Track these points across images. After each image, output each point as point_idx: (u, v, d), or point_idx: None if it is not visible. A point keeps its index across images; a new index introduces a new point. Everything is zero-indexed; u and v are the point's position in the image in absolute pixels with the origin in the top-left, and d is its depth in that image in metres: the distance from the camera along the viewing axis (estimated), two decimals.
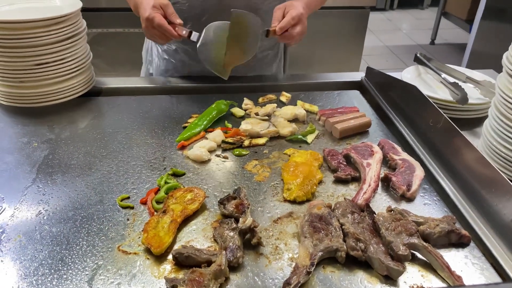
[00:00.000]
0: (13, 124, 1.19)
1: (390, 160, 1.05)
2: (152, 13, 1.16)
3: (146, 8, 1.17)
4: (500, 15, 3.45)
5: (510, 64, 0.97)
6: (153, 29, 1.17)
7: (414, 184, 0.96)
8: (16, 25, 1.12)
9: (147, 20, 1.16)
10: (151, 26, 1.17)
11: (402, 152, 1.07)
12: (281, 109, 1.26)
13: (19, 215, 0.89)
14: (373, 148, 1.08)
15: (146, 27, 1.19)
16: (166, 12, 1.18)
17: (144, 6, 1.18)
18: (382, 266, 0.76)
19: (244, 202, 0.88)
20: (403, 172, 0.99)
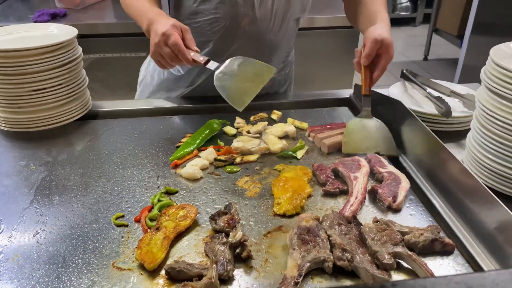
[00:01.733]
0: (11, 148, 1.23)
1: (377, 173, 1.08)
2: (170, 29, 1.09)
3: (165, 24, 1.10)
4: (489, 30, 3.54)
5: (487, 78, 1.01)
6: (166, 47, 1.10)
7: (400, 196, 0.99)
8: (14, 54, 1.17)
9: (163, 35, 1.08)
10: (164, 43, 1.09)
11: (389, 165, 1.11)
12: (272, 127, 1.30)
13: (17, 235, 0.91)
14: (360, 162, 1.11)
15: (157, 44, 1.10)
16: (185, 36, 1.13)
17: (162, 22, 1.12)
18: (368, 275, 0.78)
19: (235, 217, 0.91)
20: (389, 184, 1.03)
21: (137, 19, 1.23)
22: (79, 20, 2.44)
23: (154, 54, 1.14)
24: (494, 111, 0.98)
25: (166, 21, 1.12)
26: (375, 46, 1.15)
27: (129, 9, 1.28)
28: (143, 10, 1.21)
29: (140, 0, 1.25)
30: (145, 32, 1.18)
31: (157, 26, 1.11)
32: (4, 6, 2.71)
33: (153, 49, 1.12)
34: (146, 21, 1.16)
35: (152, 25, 1.14)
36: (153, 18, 1.15)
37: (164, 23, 1.11)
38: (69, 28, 1.33)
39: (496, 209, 0.84)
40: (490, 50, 1.02)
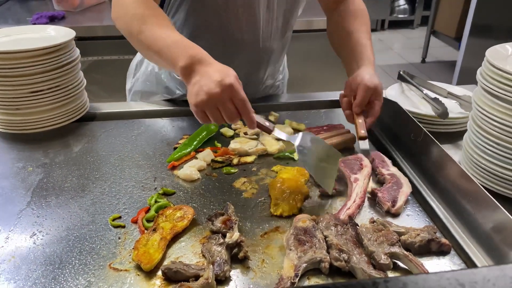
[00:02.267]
0: (9, 150, 1.23)
1: (379, 174, 1.08)
2: (237, 82, 0.90)
3: (227, 73, 0.90)
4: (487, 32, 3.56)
5: (483, 79, 1.01)
6: (229, 103, 0.90)
7: (400, 201, 0.99)
8: (12, 55, 1.17)
9: (230, 88, 0.88)
10: (228, 97, 0.89)
11: (392, 167, 1.10)
12: None
13: (13, 237, 0.91)
14: (362, 161, 1.11)
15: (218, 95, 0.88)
16: None
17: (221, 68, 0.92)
18: (365, 275, 0.78)
19: (232, 218, 0.91)
20: (390, 188, 1.02)
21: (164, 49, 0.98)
22: (77, 22, 2.44)
23: (205, 104, 0.90)
24: (490, 112, 0.98)
25: (224, 69, 0.92)
26: (368, 94, 1.12)
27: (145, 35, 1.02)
28: (174, 40, 0.98)
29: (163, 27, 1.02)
30: (183, 69, 0.94)
31: (215, 72, 0.91)
32: (2, 8, 2.71)
33: (206, 98, 0.89)
34: (187, 57, 0.93)
35: (201, 66, 0.93)
36: (200, 57, 0.93)
37: (225, 71, 0.91)
38: (67, 30, 1.34)
39: (492, 209, 0.84)
40: (486, 51, 1.02)
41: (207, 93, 0.89)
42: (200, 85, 0.90)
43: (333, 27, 1.38)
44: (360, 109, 1.16)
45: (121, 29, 1.11)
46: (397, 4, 6.26)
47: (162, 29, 1.01)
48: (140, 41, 1.04)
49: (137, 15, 1.04)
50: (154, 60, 1.06)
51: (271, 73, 1.50)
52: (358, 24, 1.30)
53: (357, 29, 1.28)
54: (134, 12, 1.05)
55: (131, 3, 1.07)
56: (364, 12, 1.35)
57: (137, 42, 1.06)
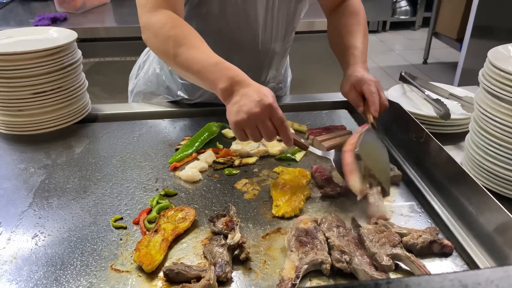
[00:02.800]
0: (11, 151, 1.23)
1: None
2: (275, 102, 0.93)
3: (265, 93, 0.93)
4: (488, 33, 3.55)
5: (485, 80, 1.01)
6: (268, 121, 0.92)
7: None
8: (15, 57, 1.18)
9: (269, 107, 0.91)
10: (267, 116, 0.92)
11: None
12: None
13: (15, 238, 0.91)
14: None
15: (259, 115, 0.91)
16: None
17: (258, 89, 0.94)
18: (367, 277, 0.78)
19: (233, 219, 0.91)
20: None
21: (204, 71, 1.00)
22: (79, 24, 2.45)
23: (245, 123, 0.93)
24: (492, 113, 0.98)
25: (262, 89, 0.94)
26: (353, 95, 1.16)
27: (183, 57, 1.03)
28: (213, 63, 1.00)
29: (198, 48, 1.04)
30: (223, 91, 0.96)
31: (254, 92, 0.93)
32: (5, 10, 2.72)
33: (246, 117, 0.91)
34: (227, 79, 0.96)
35: (241, 87, 0.95)
36: (239, 79, 0.96)
37: (262, 92, 0.93)
38: (69, 31, 1.34)
39: (494, 210, 0.84)
40: (488, 52, 1.02)
41: (247, 113, 0.91)
42: (240, 105, 0.93)
43: (331, 27, 1.39)
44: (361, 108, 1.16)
45: (155, 51, 1.14)
46: (399, 5, 6.26)
47: (197, 50, 1.03)
48: (177, 63, 1.05)
49: (171, 37, 1.04)
50: (193, 81, 1.07)
51: (274, 76, 1.50)
52: (353, 24, 1.31)
53: (351, 30, 1.29)
54: (168, 35, 1.05)
55: (162, 25, 1.06)
56: (361, 12, 1.35)
57: (175, 65, 1.07)
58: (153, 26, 1.08)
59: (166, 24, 1.06)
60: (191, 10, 1.26)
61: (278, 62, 1.47)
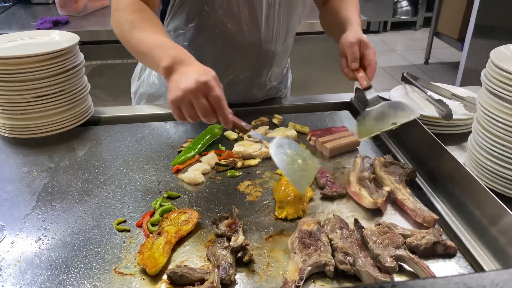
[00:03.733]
0: (14, 155, 1.24)
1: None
2: (213, 81, 0.92)
3: (204, 72, 0.93)
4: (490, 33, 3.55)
5: (487, 80, 1.01)
6: (203, 99, 0.91)
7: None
8: (17, 61, 1.18)
9: (205, 85, 0.90)
10: (203, 93, 0.91)
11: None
12: (273, 131, 1.30)
13: (19, 241, 0.92)
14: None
15: (193, 91, 0.90)
16: None
17: (200, 68, 0.95)
18: (370, 279, 0.78)
19: (236, 221, 0.91)
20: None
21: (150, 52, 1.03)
22: (81, 27, 2.46)
23: (181, 100, 0.92)
24: (494, 113, 0.98)
25: (204, 68, 0.95)
26: (355, 47, 1.13)
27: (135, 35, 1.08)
28: (161, 43, 1.03)
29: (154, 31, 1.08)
30: (164, 69, 0.98)
31: (193, 71, 0.94)
32: (7, 14, 2.73)
33: (181, 94, 0.91)
34: (170, 58, 0.97)
35: (181, 66, 0.96)
36: (182, 58, 0.98)
37: (203, 70, 0.94)
38: (71, 35, 1.34)
39: (498, 211, 0.84)
40: (490, 52, 1.02)
41: (182, 89, 0.91)
42: (178, 82, 0.93)
43: (323, 12, 1.41)
44: (356, 64, 1.14)
45: (117, 34, 1.16)
46: (400, 5, 6.26)
47: (150, 32, 1.07)
48: (130, 44, 1.10)
49: (129, 20, 1.11)
50: (143, 62, 1.09)
51: (275, 75, 1.50)
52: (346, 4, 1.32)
53: (345, 8, 1.29)
54: (126, 18, 1.12)
55: (124, 9, 1.13)
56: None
57: (129, 45, 1.12)
58: (117, 10, 1.15)
59: (128, 8, 1.12)
60: (193, 9, 1.26)
61: (280, 62, 1.47)
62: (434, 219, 0.92)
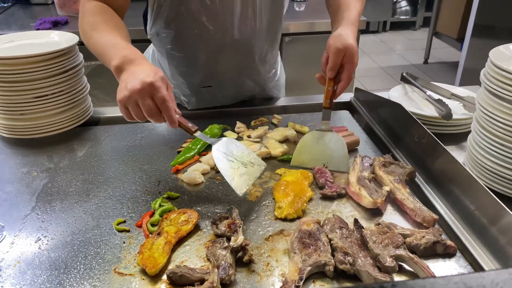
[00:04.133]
0: (13, 155, 1.24)
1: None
2: (160, 81, 0.92)
3: (152, 72, 0.93)
4: (489, 32, 3.55)
5: (487, 80, 1.01)
6: (149, 99, 0.92)
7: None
8: (17, 61, 1.18)
9: (150, 85, 0.91)
10: (149, 94, 0.92)
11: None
12: (272, 131, 1.30)
13: (19, 242, 0.92)
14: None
15: (139, 92, 0.91)
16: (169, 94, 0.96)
17: (147, 69, 0.95)
18: (370, 278, 0.78)
19: (236, 222, 0.91)
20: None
21: (104, 50, 1.05)
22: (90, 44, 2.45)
23: (127, 100, 0.93)
24: (494, 112, 0.98)
25: (152, 69, 0.96)
26: (339, 56, 1.09)
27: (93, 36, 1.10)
28: (115, 43, 1.05)
29: (110, 31, 1.10)
30: (115, 68, 1.00)
31: (141, 71, 0.94)
32: (6, 14, 2.73)
33: (128, 93, 0.92)
34: (120, 58, 0.99)
35: (131, 66, 0.97)
36: (131, 58, 0.99)
37: (151, 71, 0.94)
38: (70, 35, 1.34)
39: (497, 211, 0.84)
40: (490, 52, 1.02)
41: (129, 90, 0.92)
42: (126, 82, 0.94)
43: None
44: (333, 73, 1.12)
45: (81, 37, 1.18)
46: (399, 5, 6.26)
47: (107, 33, 1.10)
48: (90, 45, 1.12)
49: (90, 22, 1.13)
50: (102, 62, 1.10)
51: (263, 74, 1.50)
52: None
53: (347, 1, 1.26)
54: (88, 20, 1.14)
55: (87, 12, 1.16)
56: None
57: (90, 47, 1.13)
58: (81, 13, 1.18)
59: (91, 10, 1.15)
60: (172, 11, 1.27)
61: (265, 59, 1.46)
62: (434, 219, 0.92)
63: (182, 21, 1.28)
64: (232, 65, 1.40)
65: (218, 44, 1.33)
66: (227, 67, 1.39)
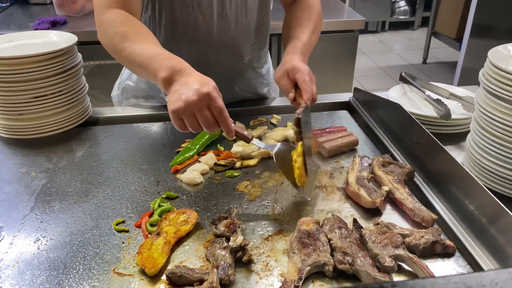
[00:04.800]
0: (12, 156, 1.24)
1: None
2: (215, 91, 0.92)
3: (205, 82, 0.93)
4: (487, 32, 3.56)
5: (485, 80, 1.01)
6: (206, 110, 0.92)
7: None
8: (15, 61, 1.18)
9: (207, 96, 0.90)
10: (206, 104, 0.91)
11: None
12: (271, 131, 1.30)
13: (17, 242, 0.91)
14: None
15: (196, 103, 0.90)
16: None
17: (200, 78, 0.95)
18: (370, 278, 0.78)
19: (235, 222, 0.91)
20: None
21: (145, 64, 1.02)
22: (79, 27, 2.45)
23: (182, 111, 0.91)
24: (492, 112, 0.98)
25: (204, 78, 0.95)
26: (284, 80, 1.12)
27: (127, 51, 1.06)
28: (157, 54, 1.02)
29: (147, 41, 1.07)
30: (163, 80, 0.97)
31: (194, 81, 0.93)
32: (4, 14, 2.72)
33: (183, 105, 0.90)
34: (167, 69, 0.97)
35: (181, 76, 0.96)
36: (180, 68, 0.97)
37: (204, 80, 0.94)
38: (69, 35, 1.34)
39: (496, 210, 0.84)
40: (488, 52, 1.02)
41: (184, 101, 0.91)
42: (179, 93, 0.92)
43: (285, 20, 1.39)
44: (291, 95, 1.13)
45: (107, 48, 1.14)
46: (398, 5, 6.27)
47: (143, 44, 1.06)
48: (123, 57, 1.09)
49: (118, 33, 1.09)
50: (140, 74, 1.09)
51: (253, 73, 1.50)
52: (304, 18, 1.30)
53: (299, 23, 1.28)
54: (115, 31, 1.09)
55: (112, 22, 1.10)
56: (315, 7, 1.34)
57: (121, 59, 1.11)
58: (104, 24, 1.12)
59: (115, 21, 1.10)
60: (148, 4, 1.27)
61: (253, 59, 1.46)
62: (433, 219, 0.92)
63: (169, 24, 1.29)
64: (220, 66, 1.40)
65: (204, 45, 1.33)
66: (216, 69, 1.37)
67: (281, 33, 1.40)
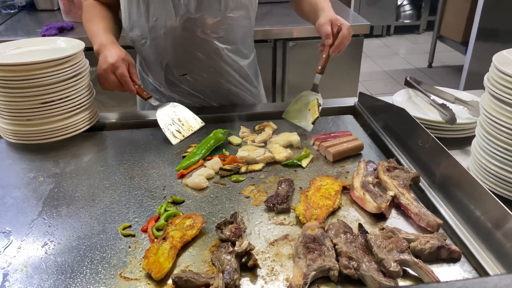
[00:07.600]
0: (20, 160, 1.25)
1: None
2: (119, 62, 1.27)
3: (114, 55, 1.28)
4: (494, 36, 3.55)
5: (491, 84, 1.01)
6: (112, 75, 1.28)
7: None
8: (23, 67, 1.19)
9: (112, 65, 1.27)
10: (111, 71, 1.28)
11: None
12: (276, 136, 1.31)
13: (25, 246, 0.92)
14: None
15: (105, 70, 1.28)
16: (130, 70, 1.31)
17: (113, 52, 1.29)
18: (375, 283, 0.78)
19: (241, 226, 0.92)
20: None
21: (91, 38, 1.39)
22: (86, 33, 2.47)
23: (99, 76, 1.31)
24: (498, 117, 0.98)
25: (116, 51, 1.29)
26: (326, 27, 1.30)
27: (87, 27, 1.45)
28: (97, 32, 1.38)
29: (97, 23, 1.42)
30: (95, 52, 1.35)
31: (107, 54, 1.28)
32: (12, 20, 2.76)
33: (99, 71, 1.30)
34: (98, 44, 1.33)
35: (102, 50, 1.31)
36: (105, 44, 1.32)
37: (114, 53, 1.28)
38: (76, 41, 1.36)
39: (502, 215, 0.84)
40: (493, 57, 1.03)
41: (99, 68, 1.30)
42: (100, 62, 1.31)
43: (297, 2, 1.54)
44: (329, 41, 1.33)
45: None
46: (403, 9, 6.27)
47: (93, 24, 1.42)
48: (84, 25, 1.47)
49: (85, 16, 1.48)
50: None
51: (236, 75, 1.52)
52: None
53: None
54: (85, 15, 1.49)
55: (85, 9, 1.50)
56: None
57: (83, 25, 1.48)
58: (82, 10, 1.52)
59: (86, 7, 1.49)
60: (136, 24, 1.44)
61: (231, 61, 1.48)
62: (438, 224, 0.92)
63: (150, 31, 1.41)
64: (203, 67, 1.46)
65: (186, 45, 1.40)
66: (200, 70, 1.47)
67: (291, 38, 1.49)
